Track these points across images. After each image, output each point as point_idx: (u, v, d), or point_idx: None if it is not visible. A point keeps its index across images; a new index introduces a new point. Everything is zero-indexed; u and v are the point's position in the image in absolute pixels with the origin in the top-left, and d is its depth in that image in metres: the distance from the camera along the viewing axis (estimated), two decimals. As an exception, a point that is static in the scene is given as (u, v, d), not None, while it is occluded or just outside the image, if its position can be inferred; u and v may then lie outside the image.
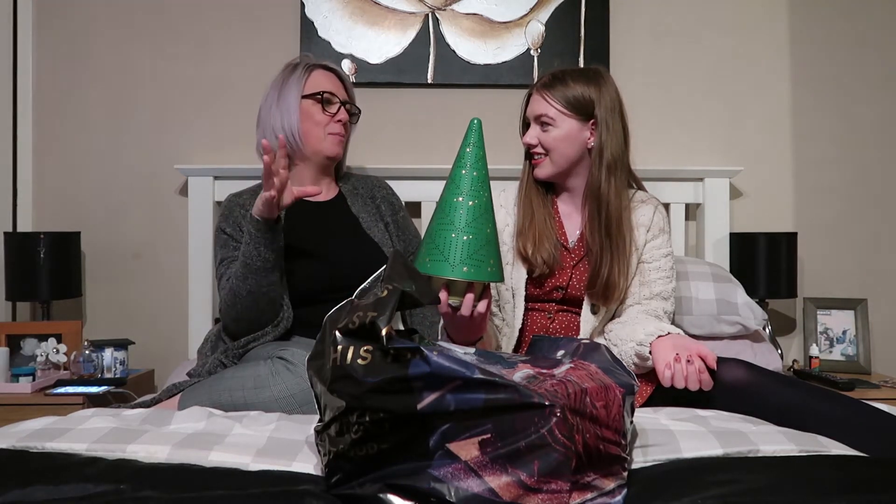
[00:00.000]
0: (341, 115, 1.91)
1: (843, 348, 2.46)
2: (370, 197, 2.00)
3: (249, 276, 1.70)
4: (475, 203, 1.35)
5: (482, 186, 1.37)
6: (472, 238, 1.33)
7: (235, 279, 1.72)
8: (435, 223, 1.36)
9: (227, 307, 1.76)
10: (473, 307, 1.37)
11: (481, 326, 1.44)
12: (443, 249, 1.33)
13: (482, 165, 1.38)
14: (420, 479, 0.95)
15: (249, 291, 1.70)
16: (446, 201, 1.36)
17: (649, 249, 1.75)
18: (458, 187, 1.36)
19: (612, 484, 1.01)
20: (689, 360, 1.45)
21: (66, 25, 2.49)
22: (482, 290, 1.39)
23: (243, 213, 1.86)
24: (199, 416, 1.32)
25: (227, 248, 1.85)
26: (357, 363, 0.98)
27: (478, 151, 1.38)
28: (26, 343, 2.24)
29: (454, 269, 1.32)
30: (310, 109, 1.89)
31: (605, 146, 1.68)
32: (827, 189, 2.60)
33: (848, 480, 1.01)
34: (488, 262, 1.34)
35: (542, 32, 2.51)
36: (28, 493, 0.96)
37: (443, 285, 1.35)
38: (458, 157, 1.39)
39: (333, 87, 1.92)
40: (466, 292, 1.36)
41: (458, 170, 1.37)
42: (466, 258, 1.32)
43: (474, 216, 1.34)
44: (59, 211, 2.50)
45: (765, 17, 2.58)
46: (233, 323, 1.77)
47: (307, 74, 1.91)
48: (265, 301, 1.73)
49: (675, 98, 2.57)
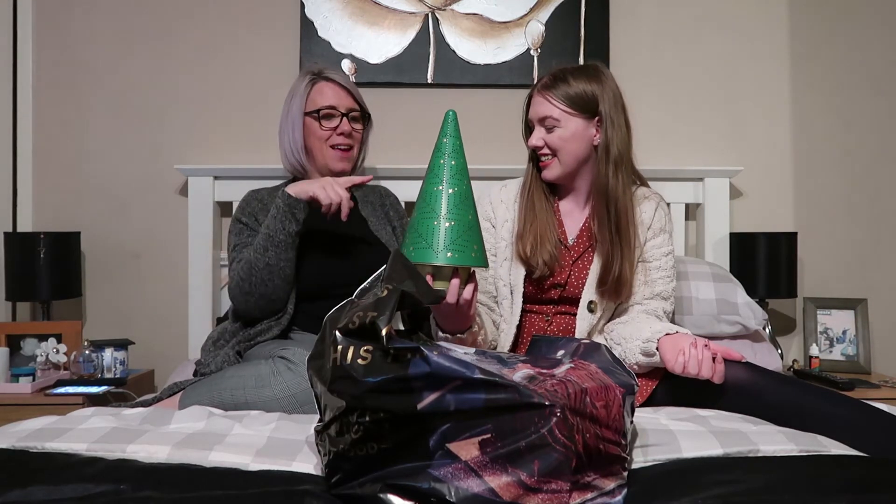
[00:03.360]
0: (343, 127, 1.94)
1: (843, 348, 2.46)
2: (380, 204, 2.06)
3: (270, 249, 1.75)
4: (455, 191, 1.37)
5: (461, 175, 1.40)
6: (454, 224, 1.35)
7: (255, 252, 1.77)
8: (417, 213, 1.39)
9: (240, 280, 1.79)
10: (459, 293, 1.38)
11: (468, 314, 1.46)
12: (426, 237, 1.35)
13: (460, 155, 1.41)
14: (420, 479, 0.95)
15: (267, 264, 1.75)
16: (427, 191, 1.39)
17: (650, 248, 1.74)
18: (437, 176, 1.39)
19: (612, 484, 1.01)
20: (707, 346, 1.45)
21: (66, 26, 2.49)
22: (467, 276, 1.41)
23: (261, 206, 1.93)
24: (199, 416, 1.32)
25: (241, 235, 1.90)
26: (357, 363, 0.98)
27: (455, 142, 1.41)
28: (26, 343, 2.24)
29: (438, 256, 1.34)
30: (311, 125, 1.94)
31: (612, 142, 1.68)
32: (827, 189, 2.60)
33: (848, 480, 1.01)
34: (472, 248, 1.37)
35: (542, 32, 2.51)
36: (28, 493, 0.96)
37: (428, 272, 1.36)
38: (435, 147, 1.42)
39: (335, 98, 1.95)
40: (451, 278, 1.38)
41: (437, 160, 1.40)
42: (450, 244, 1.35)
43: (455, 203, 1.37)
44: (59, 211, 2.50)
45: (765, 17, 2.58)
46: (242, 297, 1.80)
47: (309, 88, 1.96)
48: (280, 277, 1.77)
49: (675, 98, 2.57)
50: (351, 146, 1.96)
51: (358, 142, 2.00)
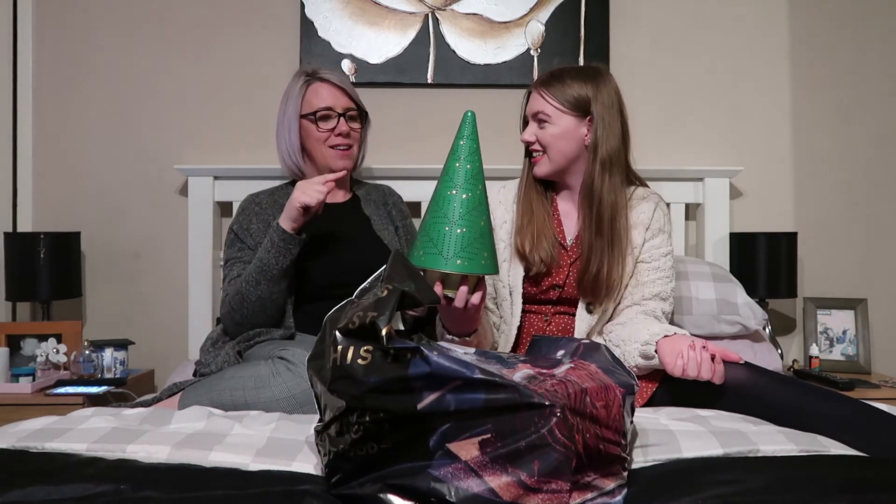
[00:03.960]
0: (340, 127, 1.92)
1: (843, 348, 2.46)
2: (383, 203, 2.05)
3: (262, 283, 1.74)
4: (469, 196, 1.35)
5: (476, 179, 1.37)
6: (466, 231, 1.33)
7: (246, 284, 1.75)
8: (429, 216, 1.37)
9: (231, 310, 1.79)
10: (467, 299, 1.38)
11: (475, 318, 1.46)
12: (437, 242, 1.33)
13: (476, 158, 1.38)
14: (420, 479, 0.95)
15: (259, 297, 1.75)
16: (440, 194, 1.37)
17: (648, 249, 1.74)
18: (451, 180, 1.36)
19: (612, 484, 1.01)
20: (705, 347, 1.45)
21: (67, 26, 2.49)
22: (476, 282, 1.40)
23: (258, 211, 1.92)
24: (199, 416, 1.32)
25: (232, 247, 1.90)
26: (357, 363, 0.98)
27: (472, 144, 1.38)
28: (26, 343, 2.24)
29: (448, 262, 1.33)
30: (308, 128, 1.93)
31: (601, 142, 1.68)
32: (827, 189, 2.60)
33: (848, 480, 1.01)
34: (482, 255, 1.35)
35: (542, 32, 2.51)
36: (28, 493, 0.96)
37: (437, 278, 1.35)
38: (451, 149, 1.39)
39: (331, 99, 1.93)
40: (460, 285, 1.37)
41: (452, 163, 1.38)
42: (460, 251, 1.33)
43: (468, 209, 1.34)
44: (59, 211, 2.50)
45: (765, 17, 2.58)
46: (234, 327, 1.80)
47: (304, 89, 1.94)
48: (273, 307, 1.78)
49: (675, 98, 2.57)
50: (350, 146, 1.95)
51: (357, 141, 1.98)
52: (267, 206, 1.93)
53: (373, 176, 2.36)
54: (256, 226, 1.88)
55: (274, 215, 1.89)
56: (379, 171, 2.38)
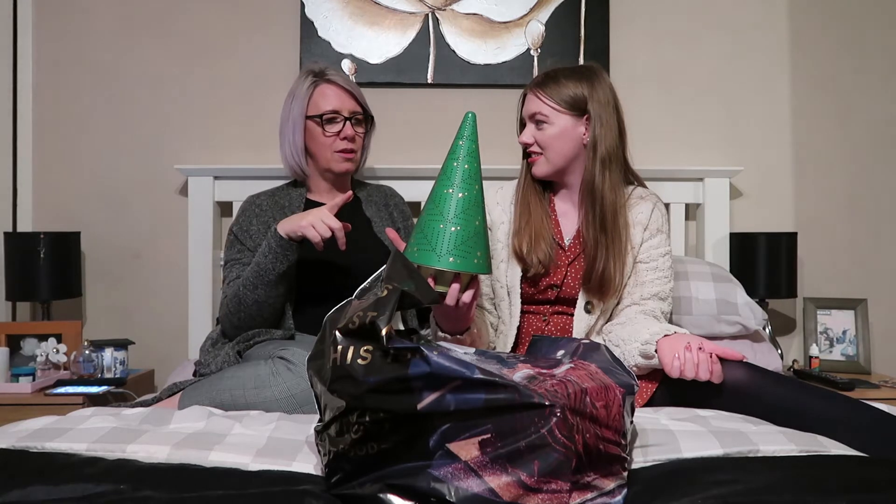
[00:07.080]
0: (346, 131, 1.91)
1: (843, 348, 2.46)
2: (384, 204, 2.05)
3: (260, 287, 1.74)
4: (465, 195, 1.37)
5: (473, 179, 1.39)
6: (459, 230, 1.35)
7: (244, 287, 1.75)
8: (425, 213, 1.39)
9: (229, 313, 1.79)
10: (459, 297, 1.39)
11: (467, 316, 1.47)
12: (431, 239, 1.35)
13: (474, 159, 1.40)
14: (420, 479, 0.95)
15: (256, 301, 1.75)
16: (437, 192, 1.39)
17: (646, 249, 1.74)
18: (448, 179, 1.38)
19: (612, 484, 1.01)
20: (701, 348, 1.45)
21: (66, 25, 2.49)
22: (468, 280, 1.41)
23: (258, 212, 1.91)
24: (199, 416, 1.32)
25: (231, 249, 1.90)
26: (357, 363, 0.99)
27: (470, 145, 1.40)
28: (26, 343, 2.24)
29: (441, 259, 1.34)
30: (314, 130, 1.91)
31: (600, 141, 1.68)
32: (827, 189, 2.60)
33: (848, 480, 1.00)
34: (475, 254, 1.37)
35: (542, 32, 2.52)
36: (28, 493, 0.96)
37: (430, 275, 1.37)
38: (451, 149, 1.41)
39: (337, 101, 1.91)
40: (452, 282, 1.38)
41: (451, 162, 1.40)
42: (453, 249, 1.35)
43: (463, 208, 1.36)
44: (59, 211, 2.50)
45: (765, 17, 2.58)
46: (232, 329, 1.81)
47: (311, 90, 1.92)
48: (270, 311, 1.77)
49: (675, 98, 2.57)
50: (354, 150, 1.94)
51: (361, 145, 1.98)
52: (267, 208, 1.93)
53: (373, 176, 2.36)
54: (256, 227, 1.88)
55: (274, 217, 1.89)
56: (379, 170, 2.38)
